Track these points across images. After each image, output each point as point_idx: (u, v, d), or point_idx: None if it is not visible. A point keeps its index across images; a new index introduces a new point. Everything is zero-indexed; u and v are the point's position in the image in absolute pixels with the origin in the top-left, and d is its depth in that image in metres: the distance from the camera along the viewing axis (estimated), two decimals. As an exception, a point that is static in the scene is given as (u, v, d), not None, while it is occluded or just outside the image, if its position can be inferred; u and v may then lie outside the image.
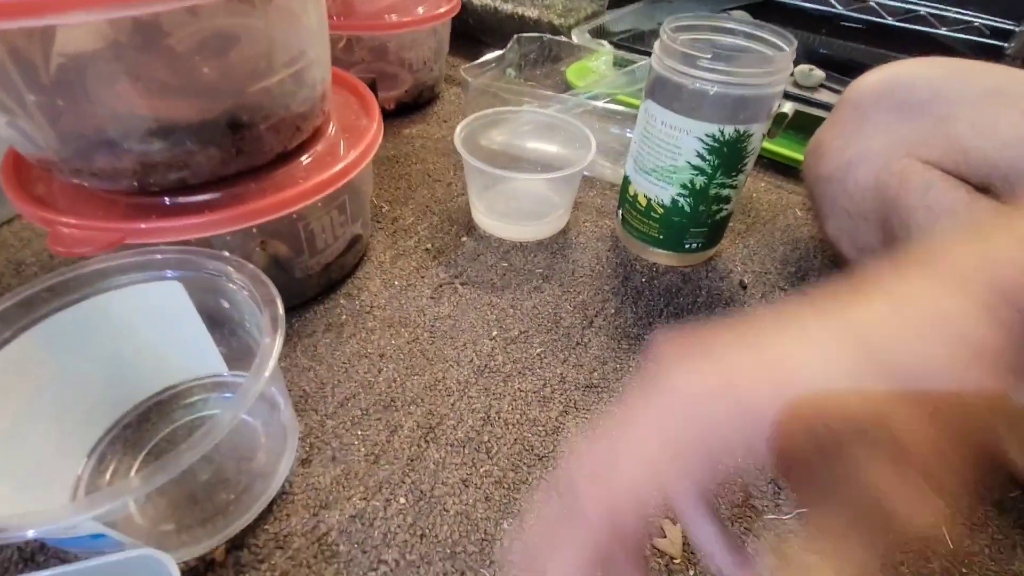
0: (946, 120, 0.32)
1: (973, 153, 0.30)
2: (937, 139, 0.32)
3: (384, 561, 0.27)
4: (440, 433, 0.32)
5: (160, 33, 0.27)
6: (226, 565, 0.26)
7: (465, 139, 0.45)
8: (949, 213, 0.30)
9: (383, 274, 0.42)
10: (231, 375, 0.33)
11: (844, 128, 0.37)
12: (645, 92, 0.39)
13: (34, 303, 0.27)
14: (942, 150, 0.32)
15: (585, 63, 0.66)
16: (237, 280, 0.28)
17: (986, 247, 0.16)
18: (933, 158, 0.32)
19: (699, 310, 0.41)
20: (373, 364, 0.36)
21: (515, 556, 0.25)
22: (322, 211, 0.36)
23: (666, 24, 0.36)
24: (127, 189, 0.31)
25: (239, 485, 0.28)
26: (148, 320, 0.30)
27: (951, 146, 0.31)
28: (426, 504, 0.29)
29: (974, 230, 0.17)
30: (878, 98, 0.36)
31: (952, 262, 0.16)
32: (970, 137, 0.31)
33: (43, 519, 0.19)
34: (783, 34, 0.36)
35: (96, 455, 0.30)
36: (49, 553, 0.26)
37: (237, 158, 0.32)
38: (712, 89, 0.34)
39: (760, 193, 0.53)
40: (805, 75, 0.58)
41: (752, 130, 0.36)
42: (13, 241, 0.43)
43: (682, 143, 0.37)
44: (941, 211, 0.31)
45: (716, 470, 0.15)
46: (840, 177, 0.37)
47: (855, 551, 0.14)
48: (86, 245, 0.29)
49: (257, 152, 0.33)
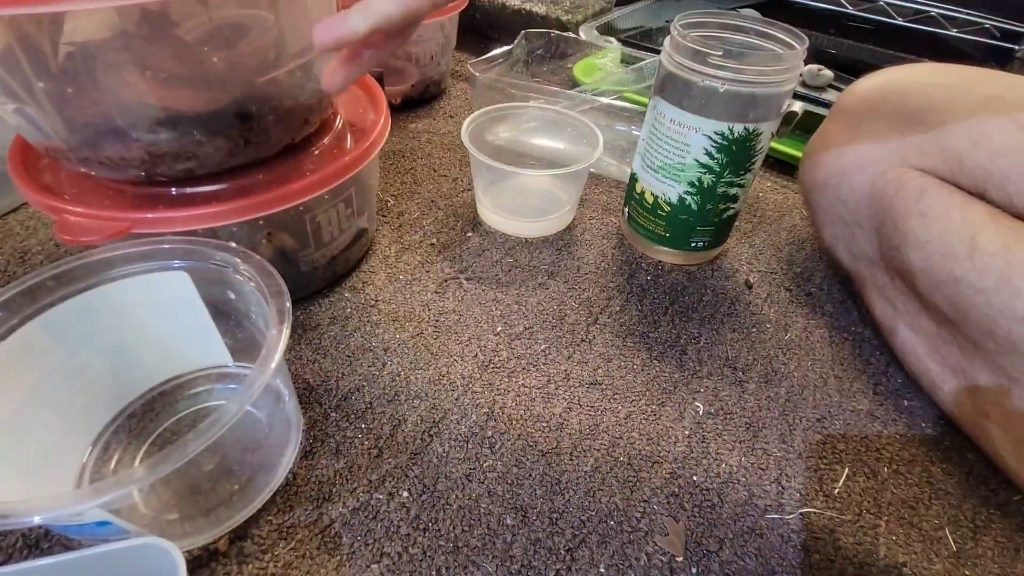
0: (941, 130, 0.32)
1: (968, 163, 0.30)
2: (933, 148, 0.32)
3: (387, 554, 0.27)
4: (444, 428, 0.32)
5: (168, 23, 0.27)
6: (229, 555, 0.26)
7: (472, 134, 0.45)
8: (943, 218, 0.30)
9: (388, 268, 0.42)
10: (236, 366, 0.33)
11: (838, 136, 0.37)
12: (654, 89, 0.39)
13: (40, 292, 0.27)
14: (938, 159, 0.32)
15: (592, 60, 0.66)
16: (244, 271, 0.28)
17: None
18: (928, 166, 0.32)
19: (704, 309, 0.41)
20: (377, 358, 0.36)
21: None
22: (329, 204, 0.36)
23: (677, 21, 0.36)
24: (134, 179, 0.31)
25: (243, 476, 0.28)
26: (154, 310, 0.30)
27: (947, 156, 0.31)
28: (429, 498, 0.29)
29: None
30: (872, 107, 0.36)
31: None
32: (965, 147, 0.31)
33: (49, 506, 0.19)
34: (794, 32, 0.35)
35: (101, 444, 0.30)
36: (54, 540, 0.27)
37: (245, 149, 0.32)
38: (722, 87, 0.34)
39: (767, 192, 0.53)
40: (813, 75, 0.58)
41: (761, 129, 0.36)
42: (19, 230, 0.43)
43: (691, 141, 0.37)
44: (934, 217, 0.30)
45: None
46: (835, 184, 0.37)
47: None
48: (93, 234, 0.29)
49: (265, 144, 0.33)
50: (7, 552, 0.26)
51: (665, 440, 0.32)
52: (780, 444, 0.32)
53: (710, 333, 0.39)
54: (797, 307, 0.41)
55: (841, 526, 0.29)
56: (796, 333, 0.39)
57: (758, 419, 0.34)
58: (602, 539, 0.28)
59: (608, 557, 0.27)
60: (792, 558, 0.28)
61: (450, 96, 0.65)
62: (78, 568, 0.20)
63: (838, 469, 0.31)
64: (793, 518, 0.29)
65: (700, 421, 0.33)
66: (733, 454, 0.32)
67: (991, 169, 0.29)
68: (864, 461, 0.32)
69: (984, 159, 0.30)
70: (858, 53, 0.68)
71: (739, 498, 0.30)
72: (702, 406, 0.34)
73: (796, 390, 0.35)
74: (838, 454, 0.32)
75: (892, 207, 0.33)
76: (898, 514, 0.30)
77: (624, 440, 0.32)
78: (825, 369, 0.37)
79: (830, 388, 0.36)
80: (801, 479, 0.31)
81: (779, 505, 0.30)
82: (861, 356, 0.38)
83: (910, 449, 0.33)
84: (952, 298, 0.30)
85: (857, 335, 0.40)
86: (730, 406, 0.34)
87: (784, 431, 0.33)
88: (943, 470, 0.32)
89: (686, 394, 0.35)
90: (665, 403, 0.34)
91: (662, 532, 0.28)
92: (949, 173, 0.31)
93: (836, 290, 0.43)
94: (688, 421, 0.33)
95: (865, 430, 0.34)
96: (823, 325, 0.40)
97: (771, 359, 0.37)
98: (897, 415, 0.35)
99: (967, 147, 0.30)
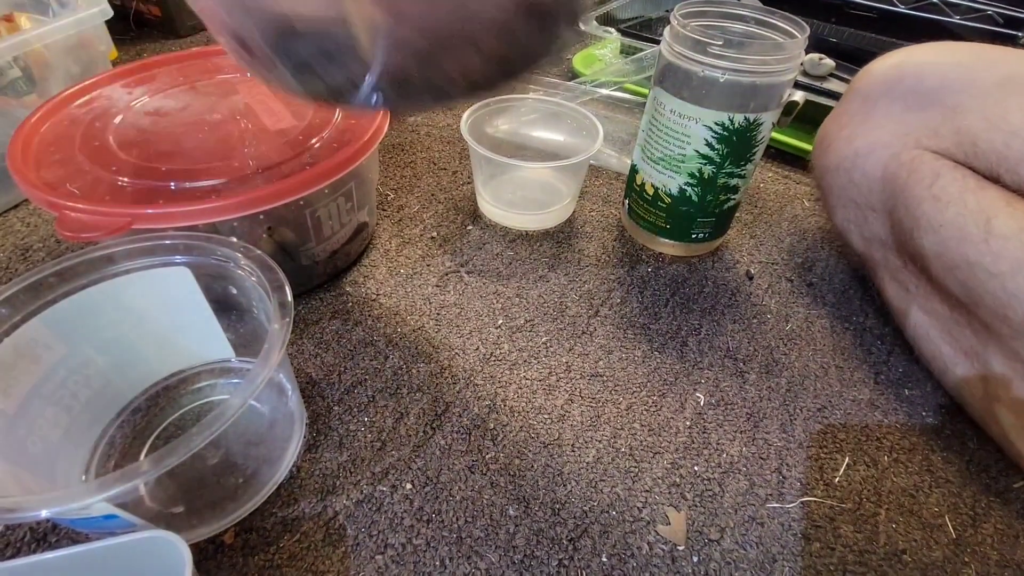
0: (956, 110, 0.31)
1: (983, 144, 0.30)
2: (947, 130, 0.32)
3: (391, 545, 0.27)
4: (446, 420, 0.32)
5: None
6: (235, 547, 0.26)
7: (471, 127, 0.44)
8: (957, 202, 0.30)
9: (389, 262, 0.42)
10: (238, 361, 0.34)
11: (852, 118, 0.37)
12: (654, 80, 0.38)
13: (42, 288, 0.27)
14: (952, 141, 0.31)
15: (592, 51, 0.65)
16: (245, 266, 0.28)
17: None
18: (943, 148, 0.32)
19: (705, 300, 0.41)
20: (379, 351, 0.36)
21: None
22: (329, 198, 0.36)
23: (676, 10, 0.36)
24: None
25: (247, 469, 0.28)
26: (156, 305, 0.30)
27: (961, 137, 0.31)
28: (432, 490, 0.29)
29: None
30: (887, 87, 0.35)
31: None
32: (981, 128, 0.30)
33: (56, 500, 0.19)
34: (795, 21, 0.35)
35: (106, 439, 0.30)
36: (62, 533, 0.27)
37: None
38: (723, 76, 0.34)
39: (767, 183, 0.53)
40: (814, 64, 0.58)
41: (762, 119, 0.36)
42: (20, 227, 0.43)
43: (691, 131, 0.37)
44: (948, 200, 0.30)
45: None
46: (848, 167, 0.37)
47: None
48: (93, 230, 0.29)
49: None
50: (15, 546, 0.26)
51: (666, 430, 0.32)
52: (781, 434, 0.32)
53: (711, 324, 0.39)
54: (798, 297, 0.41)
55: (841, 514, 0.29)
56: (797, 323, 0.39)
57: (759, 409, 0.34)
58: (604, 529, 0.28)
59: (610, 547, 0.27)
60: (793, 546, 0.28)
61: (449, 88, 0.65)
62: (86, 561, 0.20)
63: (839, 458, 0.32)
64: (794, 507, 0.29)
65: (701, 411, 0.33)
66: (734, 444, 0.32)
67: (1006, 153, 0.29)
68: (864, 450, 0.32)
69: (999, 142, 0.29)
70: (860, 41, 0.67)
71: (740, 487, 0.30)
72: (703, 397, 0.34)
73: (797, 380, 0.36)
74: (839, 443, 0.32)
75: (905, 190, 0.33)
76: (898, 502, 0.30)
77: (625, 431, 0.32)
78: (826, 359, 0.37)
79: (831, 378, 0.36)
80: (802, 468, 0.31)
81: (780, 494, 0.30)
82: (862, 346, 0.38)
83: (911, 438, 0.33)
84: (966, 282, 0.30)
85: (858, 325, 0.40)
86: (731, 397, 0.34)
87: (785, 421, 0.33)
88: (943, 458, 0.32)
89: (687, 385, 0.35)
90: (666, 394, 0.34)
91: (663, 521, 0.28)
92: (963, 156, 0.31)
93: (838, 280, 0.43)
94: (689, 411, 0.33)
95: (866, 419, 0.34)
96: (824, 315, 0.40)
97: (772, 349, 0.37)
98: (898, 404, 0.35)
99: (983, 128, 0.30)
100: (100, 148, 0.34)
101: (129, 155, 0.34)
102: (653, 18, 0.73)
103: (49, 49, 0.46)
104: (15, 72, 0.44)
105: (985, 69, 0.32)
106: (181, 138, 0.36)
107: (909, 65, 0.35)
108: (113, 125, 0.36)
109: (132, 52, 0.69)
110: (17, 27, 0.48)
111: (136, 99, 0.39)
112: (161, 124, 0.37)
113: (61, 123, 0.37)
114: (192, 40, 0.73)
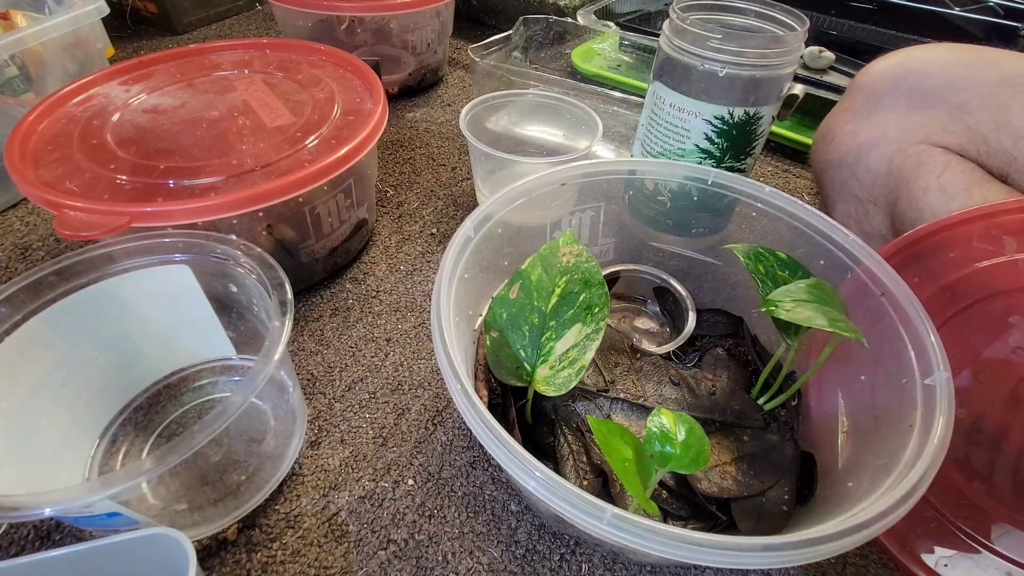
0: (962, 108, 0.32)
1: (993, 144, 0.31)
2: (958, 127, 0.32)
3: (393, 540, 0.27)
4: (447, 416, 0.32)
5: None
6: (238, 543, 0.26)
7: (470, 122, 0.44)
8: (963, 195, 0.30)
9: (389, 259, 0.42)
10: (239, 358, 0.34)
11: (856, 114, 0.37)
12: (653, 74, 0.38)
13: (42, 287, 0.27)
14: (965, 137, 0.32)
15: (591, 45, 0.65)
16: (245, 264, 0.28)
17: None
18: (954, 145, 0.32)
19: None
20: (380, 348, 0.36)
21: None
22: (328, 195, 0.35)
23: (675, 3, 0.36)
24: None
25: (250, 466, 0.28)
26: (156, 304, 0.30)
27: (972, 136, 0.31)
28: (434, 485, 0.29)
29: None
30: (891, 84, 0.35)
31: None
32: (989, 128, 0.31)
33: (59, 498, 0.19)
34: (795, 13, 0.35)
35: (108, 437, 0.30)
36: (65, 531, 0.27)
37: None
38: (722, 70, 0.34)
39: (767, 177, 0.53)
40: (815, 57, 0.58)
41: (762, 112, 0.36)
42: (19, 226, 0.43)
43: (691, 125, 0.36)
44: (955, 192, 0.30)
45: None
46: (851, 162, 0.37)
47: None
48: (93, 228, 0.28)
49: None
50: (19, 544, 0.26)
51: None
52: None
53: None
54: (798, 291, 0.41)
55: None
56: (797, 317, 0.39)
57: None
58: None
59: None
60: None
61: (447, 84, 0.65)
62: (90, 559, 0.21)
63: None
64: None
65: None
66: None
67: (1015, 153, 0.30)
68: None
69: (1008, 143, 0.30)
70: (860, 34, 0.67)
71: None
72: (704, 391, 0.34)
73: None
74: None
75: (911, 182, 0.33)
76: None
77: (626, 426, 0.32)
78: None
79: (831, 372, 0.36)
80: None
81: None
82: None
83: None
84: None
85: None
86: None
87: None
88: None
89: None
90: (667, 389, 0.34)
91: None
92: (975, 154, 0.31)
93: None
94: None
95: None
96: (824, 309, 0.40)
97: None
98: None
99: (990, 128, 0.31)
100: (98, 146, 0.34)
101: (127, 153, 0.34)
102: (652, 12, 0.73)
103: (46, 47, 0.46)
104: (12, 70, 0.44)
105: (987, 69, 0.32)
106: (179, 135, 0.36)
107: (913, 63, 0.35)
108: (111, 123, 0.36)
109: (129, 49, 0.69)
110: (13, 25, 0.48)
111: (134, 97, 0.39)
112: (159, 121, 0.37)
113: (59, 121, 0.36)
114: (189, 37, 0.73)
